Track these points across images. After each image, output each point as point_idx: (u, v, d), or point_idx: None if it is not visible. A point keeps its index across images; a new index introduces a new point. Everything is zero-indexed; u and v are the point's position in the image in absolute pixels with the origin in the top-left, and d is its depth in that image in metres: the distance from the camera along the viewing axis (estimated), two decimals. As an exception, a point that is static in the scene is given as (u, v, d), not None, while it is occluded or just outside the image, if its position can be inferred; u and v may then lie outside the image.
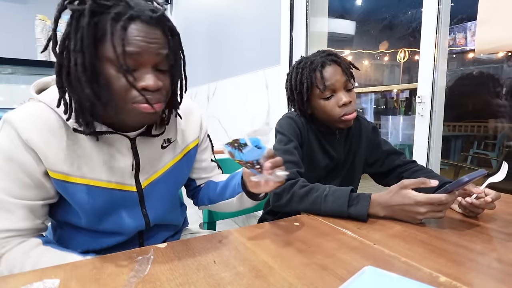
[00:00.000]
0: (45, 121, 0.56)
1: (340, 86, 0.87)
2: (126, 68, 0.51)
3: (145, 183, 0.66)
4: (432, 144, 1.25)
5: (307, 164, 0.93)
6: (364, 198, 0.71)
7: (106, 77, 0.52)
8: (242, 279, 0.45)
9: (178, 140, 0.71)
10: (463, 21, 4.09)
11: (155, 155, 0.67)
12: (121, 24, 0.49)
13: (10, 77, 2.67)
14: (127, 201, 0.65)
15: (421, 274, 0.46)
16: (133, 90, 0.52)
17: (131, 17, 0.50)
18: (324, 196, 0.74)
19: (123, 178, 0.63)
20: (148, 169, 0.66)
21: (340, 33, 5.72)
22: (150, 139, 0.65)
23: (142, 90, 0.53)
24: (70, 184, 0.58)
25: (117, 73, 0.51)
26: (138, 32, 0.51)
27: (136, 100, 0.53)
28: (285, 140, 0.88)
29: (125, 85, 0.52)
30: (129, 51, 0.50)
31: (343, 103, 0.85)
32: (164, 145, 0.68)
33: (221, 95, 2.69)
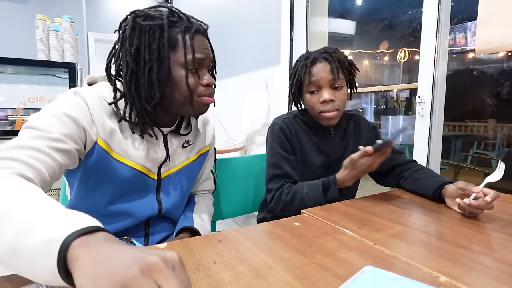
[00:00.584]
0: (103, 105, 0.66)
1: (325, 83, 0.89)
2: (194, 69, 0.66)
3: (165, 174, 0.76)
4: (432, 144, 1.25)
5: (302, 164, 0.95)
6: (333, 183, 0.83)
7: (177, 78, 0.65)
8: (242, 279, 0.45)
9: (195, 143, 0.83)
10: (463, 21, 4.09)
11: (177, 152, 0.78)
12: (189, 35, 0.65)
13: (10, 77, 2.67)
14: (148, 187, 0.74)
15: (421, 274, 0.46)
16: (199, 86, 0.68)
17: (196, 30, 0.66)
18: (305, 194, 0.85)
19: (151, 166, 0.73)
20: (169, 163, 0.76)
21: (340, 33, 5.72)
22: (178, 137, 0.78)
23: (206, 86, 0.69)
24: (111, 158, 0.66)
25: (185, 73, 0.65)
26: (201, 42, 0.67)
27: (202, 94, 0.68)
28: (271, 152, 0.95)
29: (194, 83, 0.67)
30: (197, 57, 0.65)
31: (323, 100, 0.88)
32: (185, 145, 0.80)
33: (221, 94, 2.69)
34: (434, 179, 0.84)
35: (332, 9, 2.05)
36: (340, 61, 0.90)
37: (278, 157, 0.93)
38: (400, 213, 0.74)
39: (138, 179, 0.71)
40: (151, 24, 0.62)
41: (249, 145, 2.27)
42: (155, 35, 0.62)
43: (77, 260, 0.29)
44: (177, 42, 0.64)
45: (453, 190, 0.76)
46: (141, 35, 0.63)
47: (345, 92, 0.91)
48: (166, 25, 0.62)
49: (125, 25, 0.65)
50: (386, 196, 0.89)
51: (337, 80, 0.88)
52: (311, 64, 0.90)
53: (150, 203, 0.76)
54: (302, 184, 0.89)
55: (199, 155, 0.84)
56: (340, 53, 0.93)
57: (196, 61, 0.65)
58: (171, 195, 0.79)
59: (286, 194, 0.88)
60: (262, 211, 1.06)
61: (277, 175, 0.92)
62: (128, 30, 0.63)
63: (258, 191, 1.24)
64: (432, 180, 0.84)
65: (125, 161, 0.68)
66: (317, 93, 0.90)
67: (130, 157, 0.68)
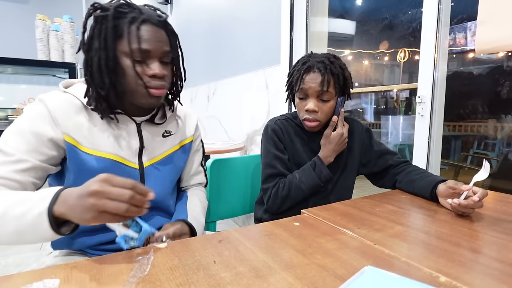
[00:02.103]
0: (69, 102, 0.69)
1: (313, 93, 0.91)
2: (140, 59, 0.66)
3: (147, 164, 0.77)
4: (432, 144, 1.25)
5: (295, 164, 0.98)
6: (319, 161, 0.93)
7: (123, 67, 0.66)
8: (242, 279, 0.45)
9: (177, 133, 0.84)
10: (463, 21, 4.09)
11: (157, 141, 0.79)
12: (135, 25, 0.64)
13: (10, 77, 2.67)
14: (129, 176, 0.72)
15: (421, 274, 0.46)
16: (145, 77, 0.67)
17: (143, 20, 0.65)
18: (299, 180, 0.92)
19: (128, 155, 0.73)
20: (150, 152, 0.77)
21: (340, 33, 5.72)
22: (153, 127, 0.79)
23: (151, 76, 0.67)
24: (81, 152, 0.68)
25: (132, 63, 0.65)
26: (148, 32, 0.65)
27: (148, 85, 0.67)
28: (265, 153, 0.99)
29: (140, 72, 0.66)
30: (142, 47, 0.64)
31: (306, 109, 0.92)
32: (165, 135, 0.81)
33: (221, 95, 2.69)
34: (428, 179, 0.86)
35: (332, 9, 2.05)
36: (334, 75, 0.90)
37: (271, 157, 0.96)
38: (400, 213, 0.74)
39: (115, 169, 0.71)
40: (101, 14, 0.64)
41: (249, 145, 2.27)
42: (103, 25, 0.64)
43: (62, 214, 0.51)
44: (122, 32, 0.64)
45: (444, 189, 0.78)
46: (94, 25, 0.65)
47: (331, 105, 0.93)
48: (111, 15, 0.64)
49: (84, 16, 0.68)
50: (386, 196, 0.89)
51: (325, 93, 0.90)
52: (305, 71, 0.91)
53: None
54: (293, 173, 0.94)
55: (182, 145, 0.85)
56: (338, 65, 0.92)
57: (142, 51, 0.65)
58: (158, 185, 0.78)
59: (282, 189, 0.92)
60: (259, 210, 1.06)
61: (272, 174, 0.95)
62: (84, 21, 0.67)
63: (258, 191, 1.23)
64: (426, 180, 0.86)
65: (94, 152, 0.69)
66: (304, 100, 0.93)
67: (100, 148, 0.69)
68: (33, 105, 0.68)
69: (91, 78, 0.67)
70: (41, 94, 0.68)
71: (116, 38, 0.65)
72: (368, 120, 5.97)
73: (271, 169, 0.96)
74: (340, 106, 0.94)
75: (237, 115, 2.43)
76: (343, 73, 0.93)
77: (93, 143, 0.69)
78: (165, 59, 0.69)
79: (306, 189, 0.91)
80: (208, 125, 2.94)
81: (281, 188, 0.92)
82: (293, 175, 0.93)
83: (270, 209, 0.97)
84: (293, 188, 0.91)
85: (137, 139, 0.75)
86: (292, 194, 0.92)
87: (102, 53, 0.64)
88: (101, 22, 0.64)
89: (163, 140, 0.80)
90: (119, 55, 0.66)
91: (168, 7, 3.86)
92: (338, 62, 0.93)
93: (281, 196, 0.92)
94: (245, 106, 2.31)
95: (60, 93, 0.71)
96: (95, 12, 0.66)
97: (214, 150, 1.80)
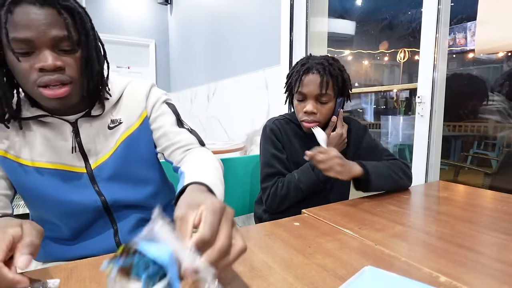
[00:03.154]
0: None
1: (311, 96, 0.91)
2: (22, 52, 0.52)
3: (95, 165, 0.68)
4: (432, 144, 1.25)
5: (294, 164, 0.98)
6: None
7: (8, 63, 0.54)
8: (242, 279, 0.45)
9: (123, 119, 0.70)
10: (463, 21, 4.09)
11: (102, 136, 0.68)
12: (5, 9, 0.50)
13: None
14: (77, 181, 0.67)
15: (421, 274, 0.46)
16: (34, 73, 0.53)
17: (14, 1, 0.50)
18: (298, 179, 0.91)
19: (68, 160, 0.65)
20: (96, 151, 0.68)
21: (340, 33, 5.72)
22: (94, 121, 0.67)
23: (40, 71, 0.53)
24: (16, 163, 0.61)
25: (15, 57, 0.52)
26: (25, 15, 0.51)
27: (38, 83, 0.54)
28: (264, 152, 0.99)
29: (25, 68, 0.53)
30: (18, 35, 0.51)
31: (305, 111, 0.92)
32: (111, 125, 0.69)
33: (221, 95, 2.69)
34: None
35: (332, 9, 2.05)
36: (332, 76, 0.90)
37: (269, 157, 0.97)
38: (400, 213, 0.74)
39: (63, 178, 0.65)
40: None
41: (249, 145, 2.27)
42: None
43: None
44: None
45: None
46: None
47: (330, 107, 0.93)
48: None
49: None
50: (386, 196, 0.89)
51: (323, 95, 0.90)
52: (303, 72, 0.91)
53: (88, 197, 0.68)
54: (292, 173, 0.94)
55: (130, 132, 0.71)
56: (337, 67, 0.92)
57: (19, 41, 0.51)
58: (113, 184, 0.70)
59: (281, 188, 0.92)
60: (259, 209, 1.07)
61: (270, 173, 0.96)
62: None
63: (258, 191, 1.23)
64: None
65: (34, 164, 0.62)
66: (303, 102, 0.93)
67: (39, 158, 0.63)
68: None
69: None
70: None
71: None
72: (368, 120, 5.97)
73: (269, 168, 0.96)
74: (339, 106, 0.95)
75: (237, 115, 2.43)
76: (342, 75, 0.93)
77: (28, 153, 0.62)
78: (63, 47, 0.55)
79: (305, 189, 0.91)
80: (208, 125, 2.94)
81: (280, 187, 0.93)
82: (292, 175, 0.93)
83: (268, 208, 0.97)
84: (292, 187, 0.92)
85: (75, 141, 0.65)
86: (291, 194, 0.92)
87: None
88: None
89: (110, 133, 0.69)
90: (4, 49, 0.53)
91: (168, 7, 3.86)
92: (337, 64, 0.93)
93: (280, 195, 0.92)
94: (245, 107, 2.31)
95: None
96: None
97: (214, 150, 1.80)
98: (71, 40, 0.55)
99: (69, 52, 0.56)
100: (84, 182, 0.67)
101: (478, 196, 0.91)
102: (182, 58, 3.63)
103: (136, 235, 0.33)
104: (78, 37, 0.57)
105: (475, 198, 0.89)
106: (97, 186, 0.69)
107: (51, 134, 0.64)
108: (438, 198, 0.88)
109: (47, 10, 0.52)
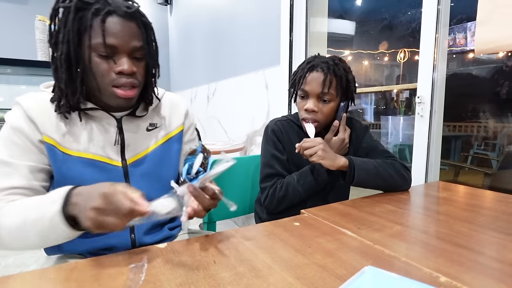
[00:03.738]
0: (45, 102, 0.66)
1: (313, 94, 0.91)
2: (105, 55, 0.61)
3: (130, 160, 0.73)
4: (432, 144, 1.25)
5: (295, 166, 0.98)
6: (318, 166, 0.90)
7: (88, 63, 0.61)
8: (242, 279, 0.45)
9: (163, 126, 0.79)
10: (463, 21, 4.10)
11: (141, 136, 0.75)
12: (100, 18, 0.59)
13: (10, 77, 2.67)
14: (113, 175, 0.71)
15: (421, 274, 0.47)
16: (112, 74, 0.62)
17: (108, 12, 0.60)
18: (296, 182, 0.92)
19: (108, 153, 0.70)
20: (133, 148, 0.73)
21: (340, 33, 5.73)
22: (136, 121, 0.74)
23: (118, 73, 0.62)
24: (60, 152, 0.65)
25: (98, 59, 0.61)
26: (115, 25, 0.60)
27: (115, 83, 0.63)
28: (264, 153, 0.99)
29: (105, 69, 0.62)
30: (107, 42, 0.60)
31: (305, 109, 0.92)
32: (150, 128, 0.76)
33: (221, 95, 2.69)
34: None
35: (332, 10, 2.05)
36: (336, 76, 0.90)
37: (270, 157, 0.97)
38: (399, 213, 0.74)
39: (98, 169, 0.69)
40: (66, 5, 0.61)
41: (249, 146, 2.27)
42: (68, 17, 0.61)
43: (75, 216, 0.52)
44: (86, 25, 0.60)
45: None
46: (61, 18, 0.62)
47: (331, 107, 0.92)
48: (74, 6, 0.60)
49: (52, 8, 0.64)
50: (385, 196, 0.89)
51: (326, 93, 0.90)
52: (308, 70, 0.92)
53: None
54: (291, 175, 0.94)
55: (170, 137, 0.79)
56: (343, 67, 0.92)
57: (107, 46, 0.60)
58: (143, 182, 0.74)
59: (279, 189, 0.93)
60: (258, 208, 1.07)
61: (270, 174, 0.96)
62: (51, 13, 0.64)
63: (258, 191, 1.24)
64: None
65: (74, 153, 0.67)
66: (305, 99, 0.93)
67: (80, 148, 0.67)
68: (12, 109, 0.66)
69: (55, 72, 0.64)
70: (18, 97, 0.66)
71: (80, 31, 0.60)
72: (368, 120, 5.97)
73: (269, 168, 0.96)
74: (342, 111, 0.94)
75: (237, 115, 2.43)
76: (347, 76, 0.93)
77: (73, 143, 0.67)
78: (137, 55, 0.65)
79: (303, 192, 0.91)
80: (208, 126, 2.94)
81: (279, 188, 0.93)
82: (292, 177, 0.93)
83: (267, 208, 0.97)
84: (291, 189, 0.92)
85: (118, 136, 0.71)
86: (289, 196, 0.92)
87: (65, 47, 0.61)
88: (66, 14, 0.61)
89: (148, 134, 0.76)
90: (84, 50, 0.61)
91: (168, 7, 3.87)
92: (342, 65, 0.93)
93: (278, 196, 0.92)
94: (245, 107, 2.31)
95: (36, 93, 0.68)
96: (61, 3, 0.62)
97: (214, 150, 1.80)
98: (144, 50, 0.65)
99: (139, 60, 0.66)
100: (118, 175, 0.72)
101: (478, 196, 0.91)
102: (182, 58, 3.64)
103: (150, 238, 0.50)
104: (148, 48, 0.66)
105: (474, 198, 0.89)
106: (129, 181, 0.73)
107: (96, 127, 0.69)
108: (438, 198, 0.89)
109: (131, 23, 0.62)
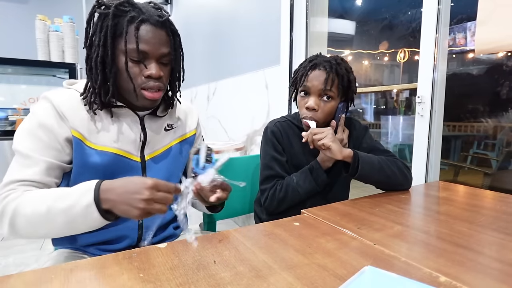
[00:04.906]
0: (73, 98, 0.71)
1: (315, 91, 0.91)
2: (137, 59, 0.67)
3: (149, 157, 0.78)
4: (432, 144, 1.25)
5: (294, 167, 0.98)
6: (317, 165, 0.93)
7: (120, 66, 0.67)
8: (242, 279, 0.45)
9: (178, 127, 0.86)
10: (463, 21, 4.10)
11: (159, 135, 0.80)
12: (134, 25, 0.65)
13: (10, 77, 2.67)
14: (132, 169, 0.76)
15: (421, 274, 0.47)
16: (141, 77, 0.68)
17: (142, 20, 0.66)
18: (296, 183, 0.92)
19: (130, 149, 0.75)
20: (152, 145, 0.79)
21: (340, 33, 5.73)
22: (156, 120, 0.80)
23: (147, 77, 0.68)
24: (86, 146, 0.69)
25: (130, 63, 0.67)
26: (147, 32, 0.66)
27: (143, 86, 0.68)
28: (264, 154, 0.99)
29: (136, 72, 0.68)
30: (140, 48, 0.65)
31: (306, 106, 0.91)
32: (167, 128, 0.82)
33: (221, 95, 2.69)
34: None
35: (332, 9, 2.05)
36: (338, 75, 0.90)
37: (269, 159, 0.97)
38: (399, 213, 0.74)
39: (119, 163, 0.73)
40: (103, 12, 0.66)
41: (249, 145, 2.27)
42: (104, 22, 0.66)
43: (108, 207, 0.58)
44: (122, 30, 0.66)
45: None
46: (97, 22, 0.67)
47: (332, 106, 0.92)
48: (112, 13, 0.65)
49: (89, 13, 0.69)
50: (385, 196, 0.89)
51: (327, 91, 0.90)
52: (310, 68, 0.92)
53: None
54: (291, 176, 0.95)
55: (183, 139, 0.86)
56: (345, 67, 0.93)
57: (139, 52, 0.66)
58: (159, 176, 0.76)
59: (279, 191, 0.93)
60: (258, 208, 1.07)
61: (270, 176, 0.96)
62: (87, 17, 0.69)
63: (258, 191, 1.24)
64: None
65: (98, 147, 0.70)
66: (306, 97, 0.93)
67: (104, 142, 0.71)
68: (39, 103, 0.69)
69: (89, 72, 0.69)
70: (45, 92, 0.70)
71: (115, 36, 0.66)
72: (368, 120, 5.97)
73: (269, 170, 0.96)
74: (340, 112, 0.94)
75: (237, 115, 2.43)
76: (348, 76, 0.93)
77: (97, 138, 0.70)
78: (164, 60, 0.70)
79: (303, 193, 0.92)
80: (208, 125, 2.94)
81: (279, 190, 0.93)
82: (291, 178, 0.94)
83: (267, 209, 0.98)
84: (290, 191, 0.92)
85: (140, 133, 0.76)
86: (289, 197, 0.92)
87: (101, 50, 0.66)
88: (102, 19, 0.66)
89: (165, 134, 0.82)
90: (118, 53, 0.67)
91: (168, 7, 3.86)
92: (344, 65, 0.93)
93: (278, 198, 0.93)
94: (245, 106, 2.31)
95: (64, 89, 0.72)
96: (98, 9, 0.67)
97: (214, 150, 1.80)
98: (171, 56, 0.71)
99: (166, 65, 0.71)
100: (136, 170, 0.76)
101: (478, 196, 0.92)
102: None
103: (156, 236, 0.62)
104: (174, 54, 0.72)
105: (475, 198, 0.89)
106: (145, 175, 0.77)
107: (120, 124, 0.74)
108: (438, 198, 0.89)
109: (161, 31, 0.68)
